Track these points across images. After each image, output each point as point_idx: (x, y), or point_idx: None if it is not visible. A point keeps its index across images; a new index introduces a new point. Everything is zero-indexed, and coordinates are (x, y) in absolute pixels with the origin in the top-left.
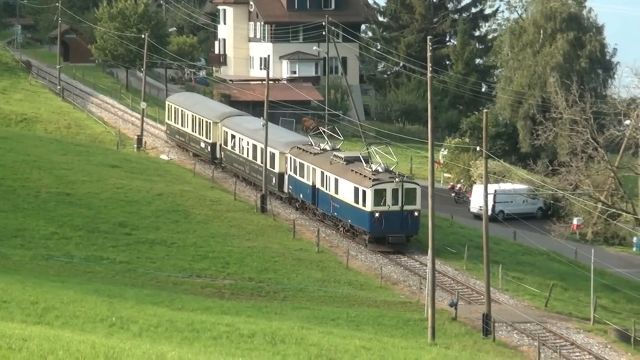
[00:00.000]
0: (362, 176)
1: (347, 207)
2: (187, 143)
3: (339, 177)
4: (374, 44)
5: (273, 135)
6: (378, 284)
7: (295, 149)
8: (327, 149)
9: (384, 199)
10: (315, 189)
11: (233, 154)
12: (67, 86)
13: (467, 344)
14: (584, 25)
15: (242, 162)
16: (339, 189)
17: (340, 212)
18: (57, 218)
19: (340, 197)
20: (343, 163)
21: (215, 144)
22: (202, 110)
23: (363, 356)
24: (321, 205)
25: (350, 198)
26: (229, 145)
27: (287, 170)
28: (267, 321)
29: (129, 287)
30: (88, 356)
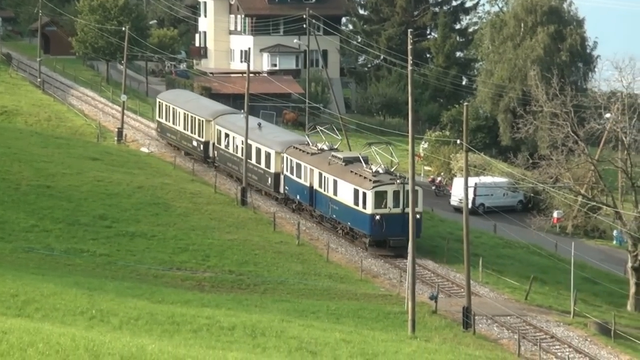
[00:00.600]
0: (362, 177)
1: (347, 210)
2: (179, 141)
3: (338, 178)
4: (355, 37)
5: (269, 134)
6: (358, 277)
7: (292, 149)
8: (325, 149)
9: (385, 201)
10: (313, 190)
11: (227, 153)
12: (48, 79)
13: (447, 336)
14: (564, 18)
15: (236, 162)
16: (338, 191)
17: (339, 214)
18: (38, 211)
19: (339, 198)
20: (342, 164)
21: (208, 142)
22: (194, 108)
23: (343, 349)
24: (319, 207)
25: (349, 200)
26: (222, 144)
27: (283, 170)
28: (247, 314)
29: (109, 280)
30: (68, 349)
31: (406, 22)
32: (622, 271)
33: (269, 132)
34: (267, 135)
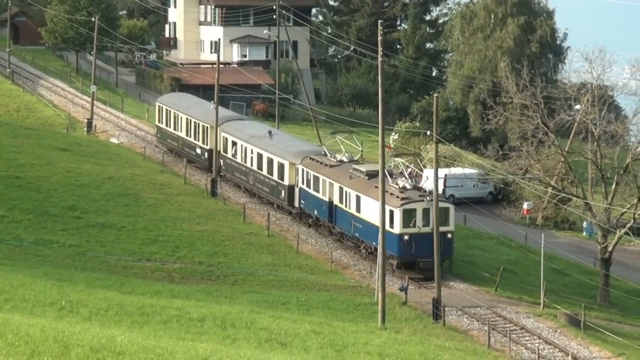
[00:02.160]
0: (388, 194)
1: (371, 228)
2: (181, 148)
3: (361, 194)
4: (325, 27)
5: (281, 143)
6: (328, 268)
7: (308, 160)
8: (345, 161)
9: (414, 219)
10: (333, 205)
11: (234, 163)
12: (17, 69)
13: (417, 328)
14: (534, 9)
15: (244, 172)
16: (361, 208)
17: (362, 233)
18: (7, 201)
19: (363, 216)
20: (365, 178)
21: (213, 150)
22: (198, 113)
23: (313, 340)
24: (339, 224)
25: (374, 218)
26: (229, 152)
27: (297, 182)
28: (217, 305)
29: (78, 271)
30: (37, 340)
31: (376, 13)
32: (592, 262)
33: (281, 141)
34: (279, 145)
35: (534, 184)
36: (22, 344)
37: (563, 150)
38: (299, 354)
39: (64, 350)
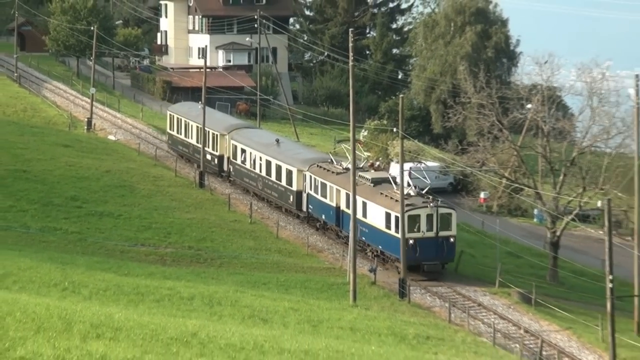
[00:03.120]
0: (393, 200)
1: (377, 233)
2: (192, 154)
3: (368, 200)
4: (301, 35)
5: (288, 151)
6: (305, 252)
7: (316, 167)
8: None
9: (418, 224)
10: (340, 210)
11: (243, 169)
12: (24, 73)
13: (385, 305)
14: (490, 18)
15: (254, 178)
16: (368, 213)
17: (369, 237)
18: (15, 193)
19: (369, 221)
20: (370, 185)
21: (223, 156)
22: (208, 122)
23: (291, 316)
24: (346, 228)
25: (380, 223)
26: (238, 159)
27: (305, 188)
28: (205, 285)
29: (80, 255)
30: (43, 317)
31: (347, 22)
32: (542, 246)
33: (288, 149)
34: (286, 152)
35: (490, 175)
36: (29, 320)
37: (516, 145)
38: (279, 328)
39: (67, 326)
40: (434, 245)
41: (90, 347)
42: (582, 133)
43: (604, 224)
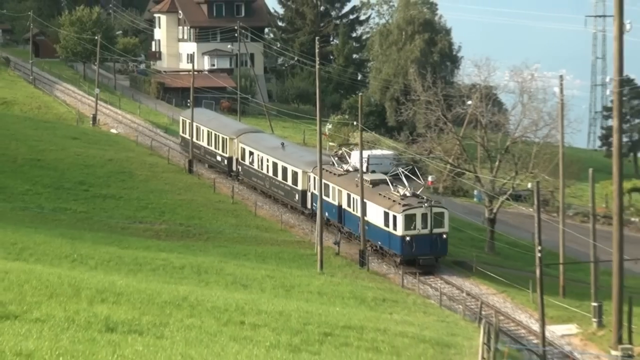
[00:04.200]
0: (391, 201)
1: (377, 230)
2: (203, 155)
3: (367, 200)
4: (275, 43)
5: (293, 154)
6: (279, 228)
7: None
8: (350, 170)
9: (414, 223)
10: (342, 209)
11: (251, 169)
12: (38, 76)
13: (347, 273)
14: (436, 28)
15: (261, 178)
16: (368, 212)
17: (369, 233)
18: (31, 178)
19: (369, 219)
20: (369, 186)
21: (232, 158)
22: (217, 127)
23: (268, 283)
24: (348, 225)
25: (380, 221)
26: (246, 160)
27: (309, 188)
28: (194, 256)
29: (87, 231)
30: (55, 284)
31: (314, 31)
32: (481, 222)
33: (293, 152)
34: (292, 155)
35: (436, 161)
36: (44, 287)
37: (458, 136)
38: (257, 293)
39: (76, 291)
40: (428, 241)
41: (96, 310)
42: (515, 125)
43: (534, 202)
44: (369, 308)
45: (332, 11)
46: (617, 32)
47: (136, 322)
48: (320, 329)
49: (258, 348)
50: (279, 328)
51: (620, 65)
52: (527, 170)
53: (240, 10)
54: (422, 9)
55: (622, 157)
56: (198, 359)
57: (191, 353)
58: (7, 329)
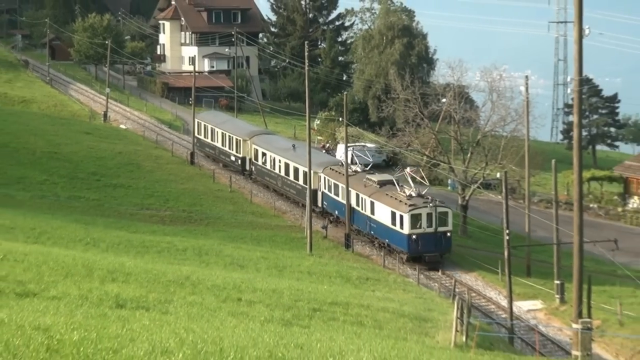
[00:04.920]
0: (397, 201)
1: (384, 228)
2: (217, 155)
3: (375, 200)
4: (268, 46)
5: (304, 155)
6: (272, 214)
7: (329, 170)
8: (359, 171)
9: (420, 222)
10: (351, 207)
11: (264, 169)
12: (54, 77)
13: (334, 254)
14: (413, 33)
15: (274, 177)
16: (375, 211)
17: (377, 231)
18: (48, 169)
19: (377, 218)
20: (377, 186)
21: (245, 158)
22: (231, 129)
23: (262, 263)
24: (356, 223)
25: (387, 220)
26: (259, 160)
27: (320, 187)
28: (195, 240)
29: (98, 217)
30: (70, 265)
31: (303, 36)
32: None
33: (303, 153)
34: (303, 156)
35: (414, 153)
36: (60, 268)
37: (434, 130)
38: (253, 272)
39: (89, 271)
40: (433, 239)
41: (107, 288)
42: (485, 121)
43: (502, 190)
44: (353, 286)
45: (319, 18)
46: (577, 36)
47: (143, 299)
48: (309, 305)
49: (253, 322)
50: (272, 304)
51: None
52: (496, 161)
53: (237, 17)
54: (401, 16)
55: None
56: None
57: (193, 327)
58: (27, 305)
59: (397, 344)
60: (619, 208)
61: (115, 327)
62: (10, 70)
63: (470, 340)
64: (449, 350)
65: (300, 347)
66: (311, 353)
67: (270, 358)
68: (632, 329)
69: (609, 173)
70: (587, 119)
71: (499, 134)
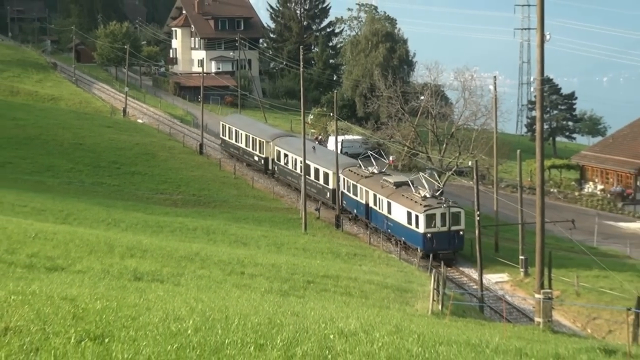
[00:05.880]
0: (413, 202)
1: (401, 227)
2: (241, 155)
3: (392, 200)
4: (268, 50)
5: (323, 157)
6: (272, 197)
7: (347, 171)
8: (375, 172)
9: (434, 221)
10: (369, 207)
11: (286, 169)
12: (79, 78)
13: (326, 233)
14: (395, 39)
15: (295, 177)
16: (392, 211)
17: (394, 230)
18: (74, 159)
19: (394, 217)
20: (393, 187)
21: (268, 158)
22: (255, 131)
23: (263, 241)
24: (374, 221)
25: (403, 219)
26: (281, 161)
27: (339, 187)
28: (203, 220)
29: (119, 201)
30: (94, 242)
31: (299, 41)
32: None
33: (323, 155)
34: (323, 158)
35: (396, 145)
36: (84, 245)
37: (413, 124)
38: (254, 249)
39: (110, 248)
40: (446, 237)
41: (126, 263)
42: (458, 116)
43: (473, 177)
44: (343, 261)
45: (313, 25)
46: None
47: (158, 272)
48: (304, 278)
49: (255, 293)
50: (271, 277)
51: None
52: (468, 151)
53: (240, 24)
54: (384, 24)
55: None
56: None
57: (202, 297)
58: (55, 278)
59: (381, 311)
60: (575, 192)
61: (134, 297)
62: (40, 71)
63: (445, 308)
64: (426, 317)
65: (296, 315)
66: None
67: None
68: (587, 299)
69: (567, 162)
70: (548, 114)
71: (470, 127)
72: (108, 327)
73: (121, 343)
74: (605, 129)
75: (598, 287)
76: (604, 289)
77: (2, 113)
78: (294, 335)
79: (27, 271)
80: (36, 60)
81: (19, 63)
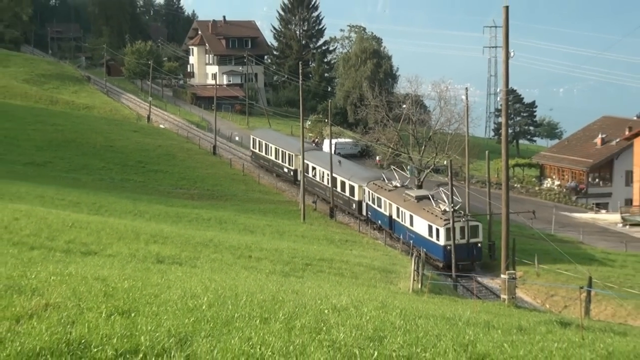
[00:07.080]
0: (434, 215)
1: (422, 239)
2: (271, 167)
3: (414, 214)
4: (271, 65)
5: (349, 170)
6: (275, 192)
7: (372, 184)
8: (398, 186)
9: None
10: (392, 219)
11: (314, 181)
12: (110, 89)
13: (321, 223)
14: (381, 55)
15: (322, 188)
16: (414, 223)
17: (415, 241)
18: (105, 159)
19: (415, 229)
20: (414, 201)
21: (297, 170)
22: (284, 145)
23: (267, 229)
24: (397, 232)
25: (424, 232)
26: (310, 173)
27: (364, 199)
28: (216, 212)
29: (144, 195)
30: (122, 231)
31: (298, 58)
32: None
33: (348, 169)
34: (348, 171)
35: (382, 147)
36: (114, 233)
37: (397, 129)
38: (260, 236)
39: (136, 235)
40: (465, 249)
41: (150, 248)
42: (435, 121)
43: (448, 174)
44: (336, 246)
45: (310, 44)
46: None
47: (177, 256)
48: (303, 261)
49: (260, 274)
50: (275, 260)
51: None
52: (443, 152)
53: (248, 43)
54: (372, 43)
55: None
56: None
57: (215, 277)
58: (89, 261)
59: (369, 290)
60: (536, 187)
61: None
62: (76, 84)
63: (424, 287)
64: (408, 294)
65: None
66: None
67: (273, 300)
68: (545, 279)
69: (528, 161)
70: (512, 120)
71: (445, 132)
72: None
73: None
74: (561, 133)
75: (555, 269)
76: (561, 270)
77: (44, 119)
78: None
79: (65, 255)
80: (72, 74)
81: (58, 77)
